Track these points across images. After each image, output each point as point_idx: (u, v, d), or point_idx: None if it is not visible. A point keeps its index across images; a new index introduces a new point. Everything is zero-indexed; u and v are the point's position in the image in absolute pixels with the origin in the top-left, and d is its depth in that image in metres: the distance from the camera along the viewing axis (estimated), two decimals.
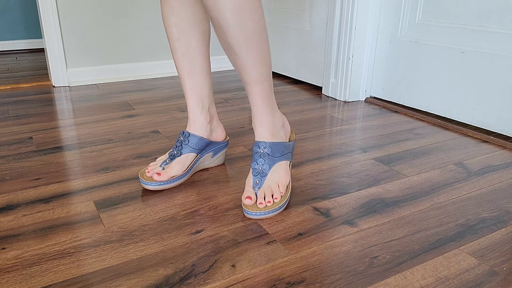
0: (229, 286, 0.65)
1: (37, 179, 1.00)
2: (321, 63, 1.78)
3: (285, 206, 0.87)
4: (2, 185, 0.97)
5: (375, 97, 1.69)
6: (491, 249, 0.75)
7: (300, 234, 0.79)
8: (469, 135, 1.30)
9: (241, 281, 0.66)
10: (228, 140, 1.08)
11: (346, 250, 0.74)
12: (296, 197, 0.92)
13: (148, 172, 0.96)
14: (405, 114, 1.51)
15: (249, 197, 0.84)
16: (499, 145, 1.22)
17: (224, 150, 1.08)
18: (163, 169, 0.96)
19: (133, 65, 2.02)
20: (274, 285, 0.65)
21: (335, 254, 0.73)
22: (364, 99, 1.69)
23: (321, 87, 1.86)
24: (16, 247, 0.74)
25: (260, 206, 0.83)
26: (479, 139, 1.27)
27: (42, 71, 2.20)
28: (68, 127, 1.35)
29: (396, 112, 1.54)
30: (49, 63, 1.84)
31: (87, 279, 0.66)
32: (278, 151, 0.88)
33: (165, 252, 0.73)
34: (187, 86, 0.97)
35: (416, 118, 1.47)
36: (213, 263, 0.70)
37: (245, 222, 0.82)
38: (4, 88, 1.85)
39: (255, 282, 0.66)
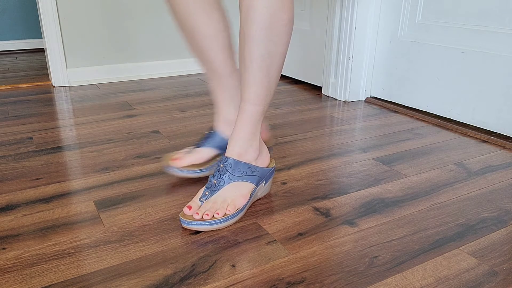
0: (229, 286, 0.65)
1: (37, 179, 1.00)
2: (321, 63, 1.78)
3: (225, 224, 0.80)
4: (2, 185, 0.97)
5: (375, 97, 1.69)
6: (491, 249, 0.75)
7: (300, 234, 0.79)
8: (469, 135, 1.30)
9: (241, 281, 0.66)
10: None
11: (346, 250, 0.74)
12: (296, 197, 0.92)
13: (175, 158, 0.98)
14: (405, 114, 1.51)
15: (190, 207, 0.80)
16: (499, 145, 1.22)
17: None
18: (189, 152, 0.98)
19: (133, 65, 2.02)
20: (274, 285, 0.65)
21: (335, 254, 0.73)
22: (364, 99, 1.69)
23: (321, 87, 1.86)
24: (16, 247, 0.74)
25: (196, 216, 0.79)
26: (479, 139, 1.27)
27: (42, 71, 2.20)
28: (68, 127, 1.35)
29: (396, 112, 1.54)
30: (49, 63, 1.84)
31: (87, 279, 0.66)
32: (239, 171, 0.84)
33: (165, 252, 0.73)
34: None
35: (416, 118, 1.47)
36: (213, 263, 0.70)
37: (245, 222, 0.82)
38: (4, 88, 1.85)
39: (255, 282, 0.66)
